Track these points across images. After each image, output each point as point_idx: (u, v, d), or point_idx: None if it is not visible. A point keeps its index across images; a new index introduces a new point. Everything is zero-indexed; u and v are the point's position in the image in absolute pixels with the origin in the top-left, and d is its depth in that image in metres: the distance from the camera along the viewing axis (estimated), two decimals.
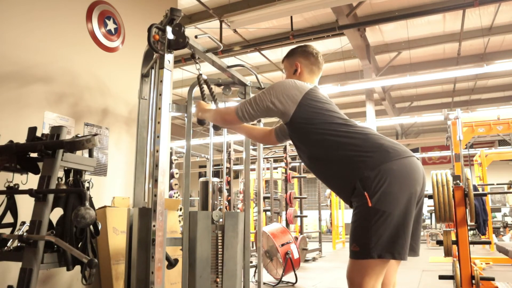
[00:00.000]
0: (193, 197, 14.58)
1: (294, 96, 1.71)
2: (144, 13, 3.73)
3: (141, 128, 2.57)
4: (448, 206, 3.20)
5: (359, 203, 1.54)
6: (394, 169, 1.53)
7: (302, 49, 1.95)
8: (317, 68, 1.94)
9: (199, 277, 2.19)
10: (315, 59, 1.93)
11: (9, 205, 2.20)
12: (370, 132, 1.67)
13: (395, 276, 1.72)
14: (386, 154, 1.56)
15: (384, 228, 1.47)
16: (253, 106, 1.79)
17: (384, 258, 1.48)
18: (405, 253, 1.50)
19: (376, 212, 1.48)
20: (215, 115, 1.98)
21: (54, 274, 2.64)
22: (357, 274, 1.52)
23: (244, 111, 1.81)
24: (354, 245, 1.52)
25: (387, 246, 1.47)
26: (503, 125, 5.54)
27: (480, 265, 5.54)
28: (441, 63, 9.34)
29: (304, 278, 5.20)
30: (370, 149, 1.58)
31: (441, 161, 15.67)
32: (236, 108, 1.83)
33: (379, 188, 1.49)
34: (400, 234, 1.48)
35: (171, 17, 1.99)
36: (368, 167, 1.54)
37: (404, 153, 1.59)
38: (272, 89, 1.76)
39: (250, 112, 1.80)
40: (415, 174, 1.56)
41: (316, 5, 5.85)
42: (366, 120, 9.36)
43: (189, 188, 2.35)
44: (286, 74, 1.99)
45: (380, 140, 1.62)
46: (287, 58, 2.00)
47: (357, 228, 1.53)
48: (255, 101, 1.79)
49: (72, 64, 3.04)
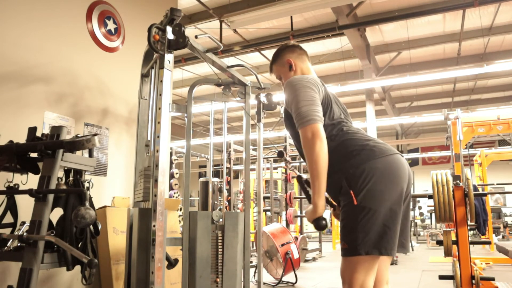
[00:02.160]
0: (193, 197, 14.58)
1: (318, 86, 1.70)
2: (144, 13, 3.73)
3: (141, 128, 2.57)
4: (448, 206, 3.20)
5: (345, 201, 1.57)
6: (379, 167, 1.55)
7: (283, 48, 1.94)
8: (306, 55, 1.94)
9: (199, 277, 2.19)
10: (300, 49, 1.93)
11: (9, 205, 2.20)
12: (358, 131, 1.70)
13: (387, 272, 1.75)
14: (371, 153, 1.59)
15: (370, 225, 1.50)
16: (305, 104, 1.58)
17: (371, 255, 1.50)
18: (392, 249, 1.52)
19: (362, 209, 1.51)
20: (313, 165, 1.51)
21: (54, 274, 2.64)
22: (347, 271, 1.56)
23: (310, 112, 1.55)
24: (343, 243, 1.56)
25: (374, 243, 1.49)
26: (503, 125, 5.54)
27: (480, 265, 5.54)
28: (441, 63, 9.34)
29: (304, 278, 5.20)
30: (356, 148, 1.61)
31: (441, 161, 15.67)
32: (305, 122, 1.54)
33: (364, 186, 1.52)
34: (387, 231, 1.51)
35: (171, 17, 1.99)
36: (353, 165, 1.57)
37: (388, 151, 1.61)
38: (294, 86, 1.65)
39: (314, 109, 1.57)
40: (400, 172, 1.59)
41: (316, 5, 5.85)
42: (366, 120, 9.36)
43: (189, 188, 2.35)
44: (283, 77, 1.92)
45: (366, 140, 1.65)
46: (275, 62, 1.94)
47: (345, 226, 1.56)
48: (300, 101, 1.59)
49: (72, 64, 3.04)
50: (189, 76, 9.87)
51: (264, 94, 3.02)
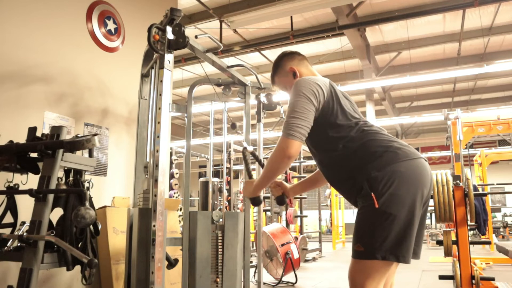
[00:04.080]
0: (193, 197, 14.58)
1: (322, 88, 1.65)
2: (144, 13, 3.73)
3: (141, 128, 2.57)
4: (448, 206, 3.20)
5: (365, 203, 1.52)
6: (402, 171, 1.51)
7: (281, 57, 1.88)
8: (306, 60, 1.90)
9: (199, 277, 2.19)
10: (297, 54, 1.88)
11: (9, 205, 2.20)
12: (381, 132, 1.64)
13: (393, 277, 1.72)
14: (394, 155, 1.54)
15: (390, 230, 1.46)
16: (297, 117, 1.56)
17: (388, 260, 1.46)
18: (409, 257, 1.48)
19: (382, 213, 1.47)
20: (271, 166, 1.60)
21: (54, 274, 2.64)
22: (360, 274, 1.51)
23: (295, 127, 1.54)
24: (358, 245, 1.51)
25: (392, 249, 1.45)
26: (503, 125, 5.53)
27: (480, 265, 5.54)
28: (441, 63, 9.34)
29: (304, 278, 5.20)
30: (379, 150, 1.56)
31: (441, 161, 15.67)
32: (287, 134, 1.54)
33: (386, 190, 1.48)
34: (406, 237, 1.47)
35: (171, 17, 1.99)
36: (375, 167, 1.52)
37: (412, 155, 1.57)
38: (299, 90, 1.61)
39: (302, 125, 1.55)
40: (422, 177, 1.54)
41: (316, 5, 5.85)
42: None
43: (189, 188, 2.35)
44: (288, 86, 1.85)
45: (390, 141, 1.60)
46: (277, 73, 1.88)
47: (362, 228, 1.52)
48: (295, 112, 1.57)
49: (72, 64, 3.04)
50: (189, 76, 9.87)
51: (264, 94, 3.02)
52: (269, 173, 1.62)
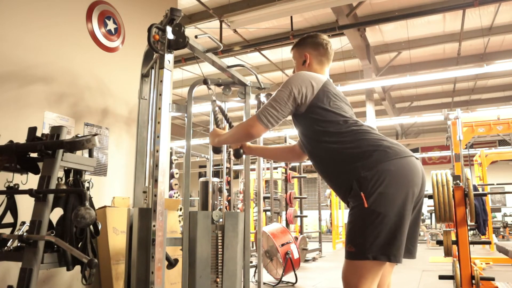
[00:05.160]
0: (193, 197, 14.58)
1: (313, 85, 1.67)
2: (144, 13, 3.73)
3: (141, 128, 2.57)
4: (448, 206, 3.20)
5: (355, 203, 1.52)
6: (392, 170, 1.50)
7: (311, 40, 1.89)
8: (326, 59, 1.88)
9: (199, 277, 2.19)
10: (324, 50, 1.87)
11: (9, 205, 2.20)
12: (371, 131, 1.64)
13: (390, 277, 1.71)
14: (384, 154, 1.53)
15: (380, 229, 1.45)
16: (273, 105, 1.67)
17: (379, 260, 1.46)
18: (400, 256, 1.48)
19: (372, 213, 1.46)
20: (235, 133, 1.80)
21: (54, 274, 2.64)
22: (352, 275, 1.51)
23: (267, 113, 1.66)
24: (349, 246, 1.51)
25: (383, 248, 1.45)
26: (503, 125, 5.53)
27: (480, 265, 5.54)
28: (441, 63, 9.34)
29: (304, 278, 5.20)
30: (369, 149, 1.55)
31: (441, 161, 15.67)
32: (257, 115, 1.68)
33: (375, 189, 1.47)
34: (397, 236, 1.46)
35: (171, 17, 1.99)
36: (365, 167, 1.52)
37: (403, 153, 1.56)
38: (288, 83, 1.68)
39: (273, 113, 1.66)
40: (413, 175, 1.53)
41: (316, 5, 5.85)
42: (366, 120, 9.36)
43: (189, 188, 2.35)
44: (295, 64, 1.92)
45: (379, 140, 1.59)
46: (297, 48, 1.92)
47: (353, 229, 1.52)
48: (274, 100, 1.67)
49: (72, 64, 3.04)
50: (189, 76, 9.87)
51: (264, 94, 3.02)
52: (230, 138, 1.87)
